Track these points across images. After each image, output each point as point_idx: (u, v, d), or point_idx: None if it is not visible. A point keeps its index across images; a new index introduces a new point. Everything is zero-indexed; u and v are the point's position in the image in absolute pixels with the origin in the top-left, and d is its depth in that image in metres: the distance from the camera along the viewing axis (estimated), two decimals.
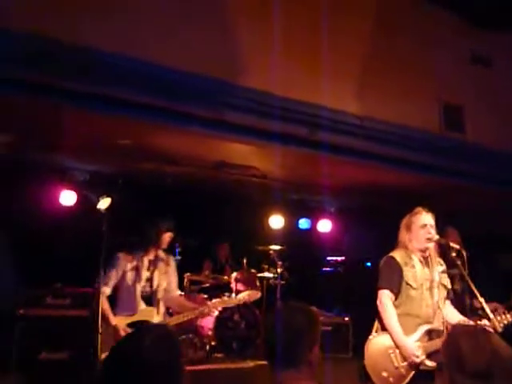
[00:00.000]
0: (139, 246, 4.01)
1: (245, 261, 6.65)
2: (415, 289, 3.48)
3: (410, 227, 3.61)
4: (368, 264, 7.17)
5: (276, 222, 7.03)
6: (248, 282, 6.50)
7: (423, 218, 3.59)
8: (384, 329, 3.46)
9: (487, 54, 5.37)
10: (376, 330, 3.56)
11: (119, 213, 4.98)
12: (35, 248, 5.44)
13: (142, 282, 3.94)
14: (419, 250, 3.57)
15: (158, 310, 3.93)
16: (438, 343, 3.22)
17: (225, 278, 6.56)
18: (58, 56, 3.33)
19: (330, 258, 7.69)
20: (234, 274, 6.46)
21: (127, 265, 3.94)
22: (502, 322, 3.36)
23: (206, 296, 6.21)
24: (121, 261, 3.95)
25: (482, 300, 3.34)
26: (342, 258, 7.56)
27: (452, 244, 3.60)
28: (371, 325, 3.62)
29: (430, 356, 3.30)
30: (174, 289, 4.15)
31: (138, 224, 4.45)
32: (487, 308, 3.37)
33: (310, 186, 6.13)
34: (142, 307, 3.90)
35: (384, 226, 4.42)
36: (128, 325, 3.82)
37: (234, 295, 6.33)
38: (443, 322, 3.44)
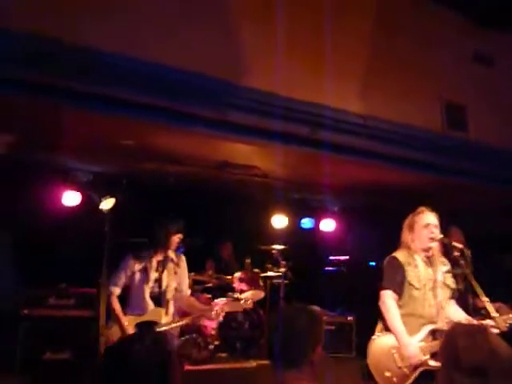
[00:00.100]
0: (148, 247, 4.02)
1: (248, 260, 6.65)
2: (418, 289, 3.47)
3: (412, 227, 3.60)
4: (371, 263, 7.16)
5: (279, 221, 7.03)
6: (251, 282, 6.50)
7: (426, 218, 3.58)
8: (387, 329, 3.46)
9: (490, 54, 5.35)
10: (380, 330, 3.56)
11: (123, 213, 5.00)
12: (39, 248, 5.46)
13: (150, 283, 3.95)
14: (422, 250, 3.56)
15: (166, 311, 3.94)
16: None
17: (228, 277, 6.57)
18: (59, 56, 3.33)
19: (333, 257, 7.68)
20: (238, 274, 6.47)
21: (136, 265, 3.96)
22: (507, 322, 3.36)
23: (209, 296, 6.23)
24: (130, 261, 3.97)
25: (485, 299, 3.34)
26: (345, 257, 7.55)
27: (455, 243, 3.59)
28: (374, 324, 3.62)
29: (434, 356, 3.29)
30: (185, 289, 4.16)
31: (146, 225, 4.45)
32: (491, 307, 3.36)
33: (312, 185, 6.13)
34: (150, 307, 3.91)
35: (387, 225, 4.42)
36: (137, 324, 3.83)
37: (237, 295, 6.35)
38: (447, 322, 3.44)
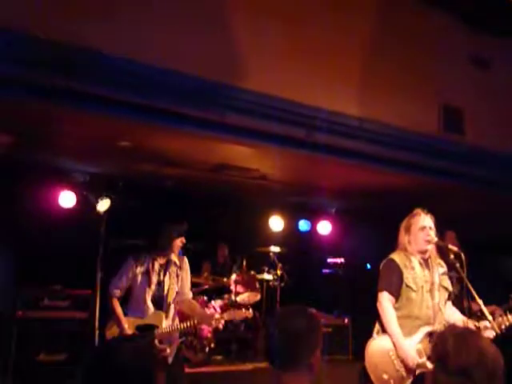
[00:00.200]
0: (150, 249, 3.99)
1: (244, 263, 6.64)
2: (415, 291, 3.47)
3: (409, 229, 3.60)
4: (368, 266, 7.16)
5: (276, 223, 7.03)
6: (248, 284, 6.49)
7: (422, 220, 3.58)
8: (385, 331, 3.45)
9: (487, 57, 5.36)
10: (377, 332, 3.55)
11: (119, 214, 5.00)
12: (34, 249, 5.44)
13: (152, 286, 3.91)
14: (419, 252, 3.56)
15: (167, 315, 3.91)
16: None
17: (224, 279, 6.55)
18: (57, 57, 3.33)
19: (329, 259, 7.68)
20: (234, 276, 6.46)
21: (138, 268, 3.92)
22: (504, 324, 3.36)
23: (205, 298, 6.21)
24: (131, 264, 3.94)
25: (480, 302, 3.33)
26: (342, 259, 7.55)
27: (451, 246, 3.59)
28: (371, 327, 3.61)
29: (431, 358, 3.28)
30: (187, 292, 4.13)
31: (142, 227, 4.42)
32: (486, 310, 3.36)
33: (309, 187, 6.12)
34: (151, 311, 3.89)
35: (384, 227, 4.42)
36: (136, 327, 3.82)
37: (233, 297, 6.34)
38: (444, 324, 3.43)
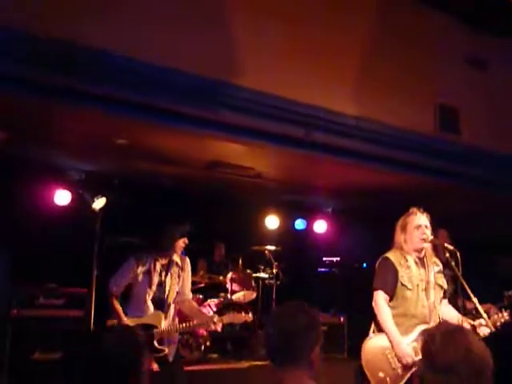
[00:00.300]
0: (153, 250, 3.97)
1: (240, 261, 6.64)
2: (410, 289, 3.48)
3: (405, 228, 3.61)
4: (364, 265, 7.17)
5: (272, 222, 7.03)
6: (243, 283, 6.49)
7: (418, 219, 3.60)
8: (380, 329, 3.46)
9: (484, 57, 5.38)
10: (373, 331, 3.56)
11: (114, 213, 4.98)
12: (30, 247, 5.42)
13: (153, 287, 3.89)
14: (415, 251, 3.57)
15: (166, 315, 3.90)
16: None
17: (220, 278, 6.55)
18: (53, 54, 3.32)
19: (325, 258, 7.69)
20: (230, 275, 6.46)
21: (139, 268, 3.90)
22: (499, 321, 3.37)
23: (201, 296, 6.21)
24: (133, 264, 3.91)
25: (475, 300, 3.35)
26: (338, 258, 7.56)
27: (447, 245, 3.60)
28: (367, 326, 3.62)
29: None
30: (187, 293, 4.12)
31: (143, 225, 4.39)
32: (480, 308, 3.37)
33: (305, 186, 6.13)
34: (150, 311, 3.88)
35: (380, 226, 4.42)
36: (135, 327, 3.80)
37: (229, 295, 6.34)
38: (440, 322, 3.44)
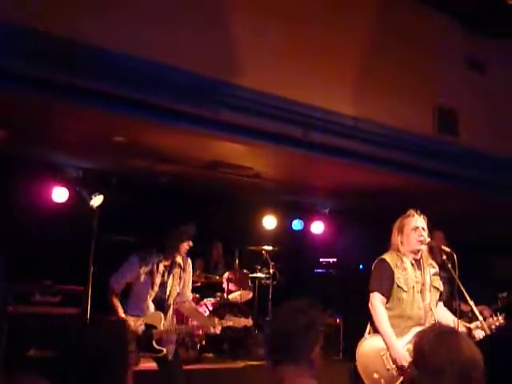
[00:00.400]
0: (157, 250, 3.95)
1: (237, 261, 6.63)
2: (406, 291, 3.48)
3: (402, 230, 3.61)
4: (360, 266, 7.17)
5: (269, 222, 7.03)
6: (240, 283, 6.49)
7: (415, 221, 3.59)
8: (376, 331, 3.46)
9: (482, 59, 5.38)
10: (368, 332, 3.56)
11: (112, 211, 4.97)
12: (26, 244, 5.40)
13: (155, 287, 3.88)
14: (411, 253, 3.57)
15: (166, 315, 3.90)
16: None
17: (217, 277, 6.55)
18: (53, 51, 3.31)
19: (322, 259, 7.68)
20: (226, 274, 6.45)
21: (142, 268, 3.88)
22: (494, 324, 3.37)
23: (197, 296, 6.20)
24: (136, 263, 3.90)
25: (471, 303, 3.35)
26: (335, 259, 7.56)
27: (444, 247, 3.60)
28: (362, 327, 3.62)
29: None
30: (188, 294, 4.12)
31: (135, 223, 4.37)
32: (477, 311, 3.37)
33: (303, 186, 6.13)
34: (150, 310, 3.87)
35: (377, 228, 4.42)
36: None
37: (225, 295, 6.33)
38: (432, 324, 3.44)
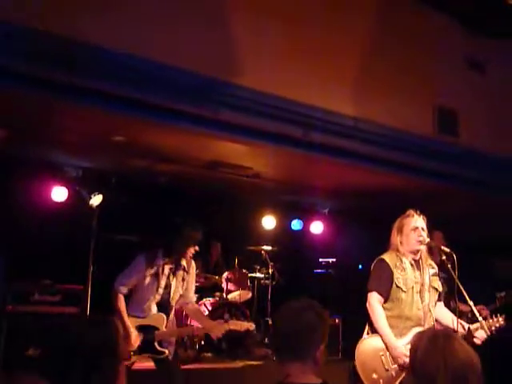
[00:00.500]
0: (163, 253, 3.95)
1: (236, 261, 6.63)
2: (405, 291, 3.48)
3: (401, 230, 3.61)
4: (360, 266, 7.16)
5: (268, 222, 7.03)
6: (239, 282, 6.49)
7: (415, 221, 3.59)
8: (375, 331, 3.46)
9: (483, 59, 5.39)
10: (367, 332, 3.56)
11: (111, 210, 4.97)
12: (26, 243, 5.40)
13: (160, 290, 3.87)
14: (411, 253, 3.57)
15: (168, 317, 3.90)
16: None
17: (216, 277, 6.54)
18: (53, 50, 3.31)
19: (322, 259, 7.68)
20: (226, 274, 6.45)
21: (148, 269, 3.86)
22: (494, 325, 3.37)
23: (196, 295, 6.19)
24: (142, 265, 3.87)
25: (471, 303, 3.35)
26: (334, 259, 7.55)
27: (443, 247, 3.60)
28: (361, 327, 3.62)
29: None
30: (191, 296, 4.12)
31: (134, 223, 4.34)
32: (476, 311, 3.37)
33: (303, 186, 6.13)
34: (151, 312, 3.87)
35: (376, 228, 4.42)
36: (137, 327, 3.78)
37: (224, 295, 6.33)
38: (434, 325, 3.45)
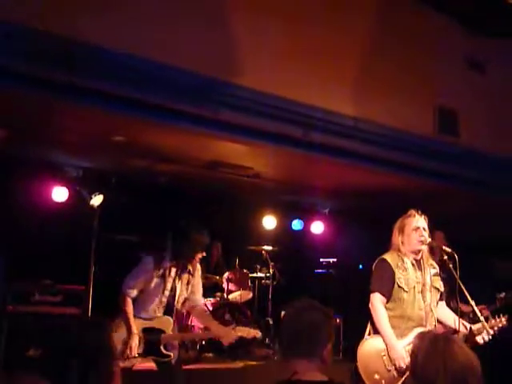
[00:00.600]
0: (171, 256, 3.94)
1: (237, 261, 6.62)
2: (406, 291, 3.47)
3: (402, 230, 3.61)
4: (360, 266, 7.16)
5: (269, 222, 7.03)
6: (240, 282, 6.48)
7: (416, 221, 3.59)
8: (376, 331, 3.46)
9: (483, 59, 5.38)
10: (369, 333, 3.55)
11: (112, 210, 4.97)
12: (26, 243, 5.39)
13: (166, 292, 3.85)
14: (412, 253, 3.57)
15: (173, 320, 3.90)
16: None
17: (216, 277, 6.53)
18: (52, 50, 3.30)
19: (322, 259, 7.68)
20: (226, 274, 6.44)
21: (155, 271, 3.85)
22: (497, 326, 3.37)
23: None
24: (151, 264, 3.85)
25: (473, 303, 3.35)
26: (335, 259, 7.55)
27: (445, 247, 3.60)
28: (362, 327, 3.62)
29: None
30: (198, 299, 4.10)
31: (134, 223, 4.31)
32: (478, 311, 3.37)
33: (303, 186, 6.12)
34: (156, 314, 3.85)
35: (377, 228, 4.42)
36: (143, 329, 3.78)
37: (225, 295, 6.32)
38: (435, 325, 3.44)
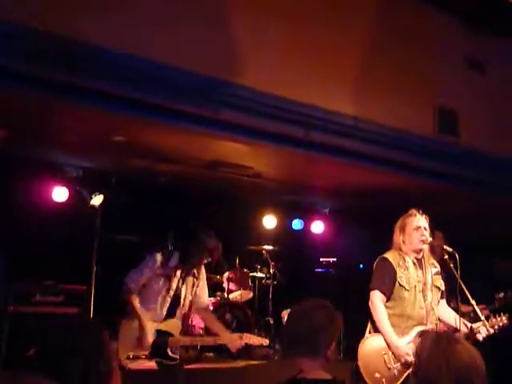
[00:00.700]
0: (179, 258, 3.93)
1: (237, 260, 6.63)
2: (408, 290, 3.49)
3: (404, 229, 3.63)
4: (360, 266, 7.17)
5: (269, 222, 7.03)
6: (240, 282, 6.48)
7: (417, 221, 3.61)
8: (377, 330, 3.47)
9: (483, 59, 5.39)
10: (369, 331, 3.56)
11: (112, 210, 4.97)
12: (27, 244, 5.39)
13: (170, 292, 3.86)
14: (413, 252, 3.58)
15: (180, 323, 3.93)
16: None
17: (217, 277, 6.54)
18: (52, 50, 3.30)
19: (322, 259, 7.68)
20: (227, 274, 6.45)
21: (160, 270, 3.85)
22: (497, 324, 3.38)
23: None
24: (157, 262, 3.85)
25: (473, 302, 3.36)
26: (335, 259, 7.55)
27: (446, 247, 3.61)
28: (363, 327, 3.63)
29: None
30: (204, 301, 4.12)
31: (134, 223, 4.29)
32: (479, 311, 3.38)
33: (304, 186, 6.12)
34: (161, 315, 3.86)
35: (377, 228, 4.43)
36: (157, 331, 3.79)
37: (226, 295, 6.33)
38: (436, 324, 3.46)
